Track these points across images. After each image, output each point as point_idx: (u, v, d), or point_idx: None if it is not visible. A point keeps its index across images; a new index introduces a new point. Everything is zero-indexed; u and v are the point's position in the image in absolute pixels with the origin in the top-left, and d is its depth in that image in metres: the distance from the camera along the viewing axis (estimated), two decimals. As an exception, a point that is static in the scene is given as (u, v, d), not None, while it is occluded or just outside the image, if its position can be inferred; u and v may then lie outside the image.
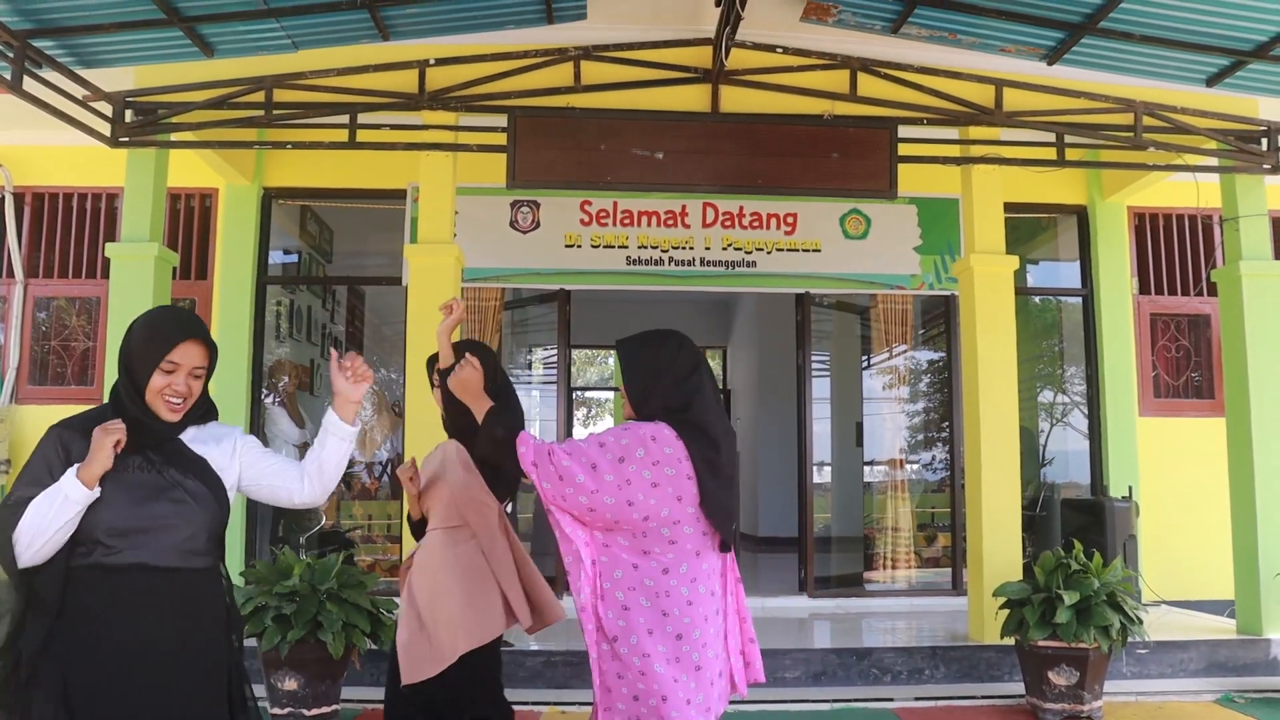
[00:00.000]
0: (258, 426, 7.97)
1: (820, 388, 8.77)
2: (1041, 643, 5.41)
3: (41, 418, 7.88)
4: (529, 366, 12.52)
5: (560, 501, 2.65)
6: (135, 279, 6.31)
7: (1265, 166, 6.82)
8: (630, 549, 2.67)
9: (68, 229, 8.16)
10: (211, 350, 2.62)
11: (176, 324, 2.59)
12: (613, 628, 2.65)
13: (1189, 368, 8.72)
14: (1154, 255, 8.77)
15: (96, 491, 2.36)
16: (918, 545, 8.59)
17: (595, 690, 2.71)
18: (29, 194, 8.17)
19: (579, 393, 22.91)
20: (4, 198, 8.06)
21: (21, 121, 7.00)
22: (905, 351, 8.75)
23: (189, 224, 8.13)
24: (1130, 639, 5.49)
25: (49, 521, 2.32)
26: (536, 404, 13.76)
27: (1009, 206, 7.38)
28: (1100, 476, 8.44)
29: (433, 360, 3.71)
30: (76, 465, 2.38)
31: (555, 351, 9.15)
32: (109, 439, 2.37)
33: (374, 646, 5.30)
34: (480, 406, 2.86)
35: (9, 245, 8.04)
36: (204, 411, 2.64)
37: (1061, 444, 9.28)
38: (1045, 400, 9.62)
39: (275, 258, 8.56)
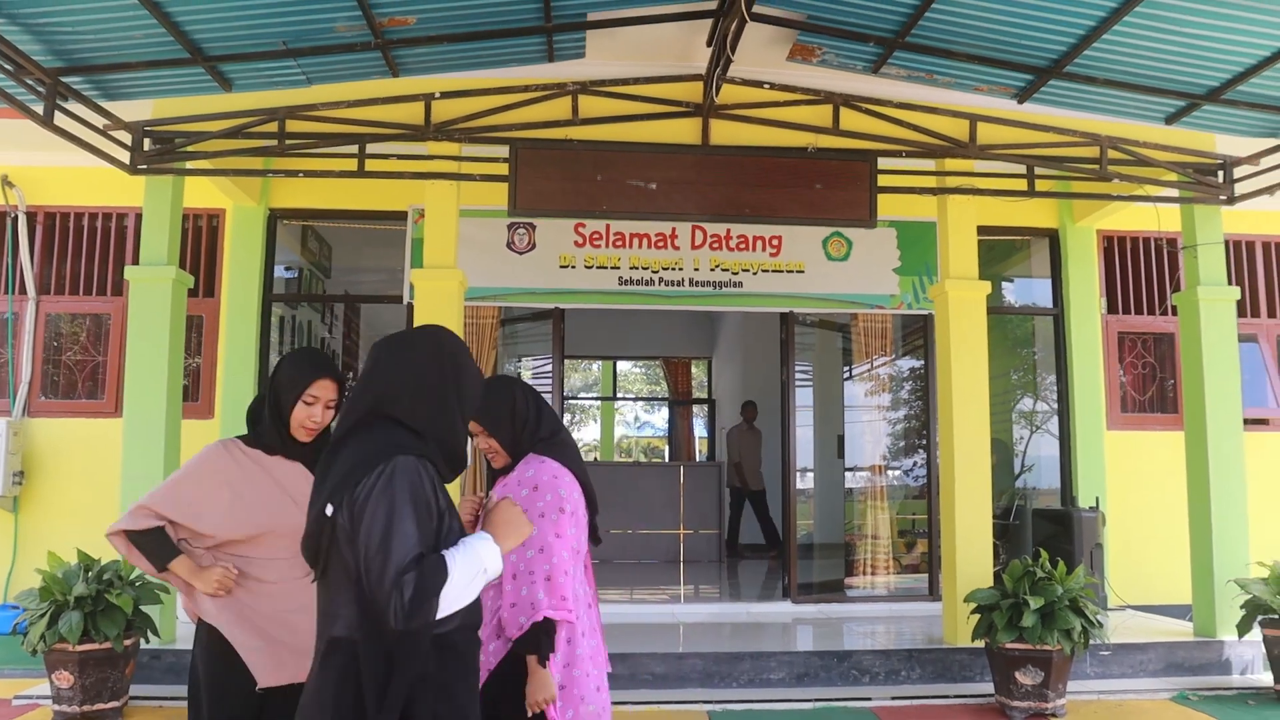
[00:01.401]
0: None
1: (803, 397, 9.15)
2: (1009, 645, 5.80)
3: (53, 431, 8.19)
4: (518, 376, 12.88)
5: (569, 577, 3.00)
6: (153, 300, 6.61)
7: (1221, 198, 7.24)
8: (572, 563, 3.08)
9: (79, 248, 8.47)
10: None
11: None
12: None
13: (1154, 384, 9.15)
14: (1122, 276, 9.20)
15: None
16: (897, 552, 8.98)
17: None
18: (41, 213, 8.46)
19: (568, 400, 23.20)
20: (18, 217, 8.35)
21: (35, 143, 7.27)
22: (884, 367, 9.13)
23: (196, 244, 8.42)
24: (1092, 641, 5.89)
25: (466, 595, 2.08)
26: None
27: (985, 229, 7.80)
28: (1069, 487, 8.85)
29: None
30: (488, 536, 2.19)
31: (547, 362, 9.51)
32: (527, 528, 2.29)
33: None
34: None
35: (22, 263, 8.33)
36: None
37: (1035, 455, 9.68)
38: (1021, 412, 10.02)
39: (276, 273, 8.86)
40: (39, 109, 5.69)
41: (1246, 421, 8.22)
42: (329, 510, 2.07)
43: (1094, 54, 5.79)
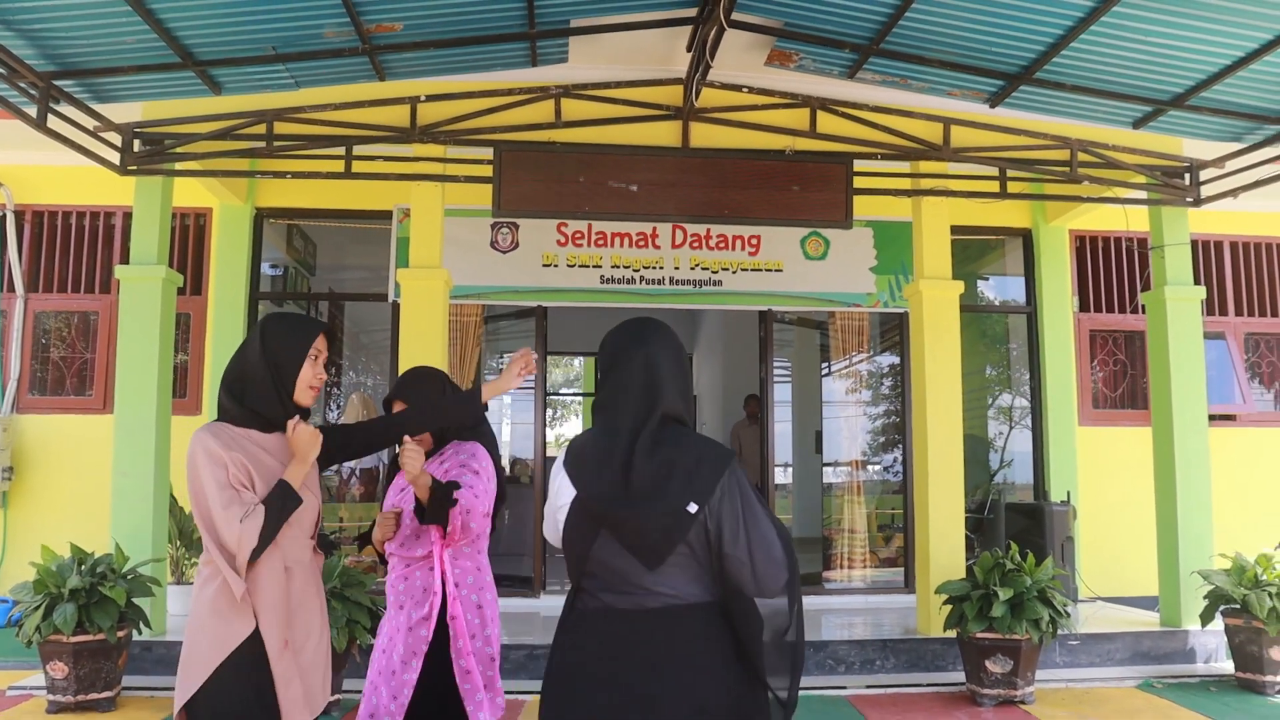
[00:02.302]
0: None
1: (782, 393, 9.31)
2: (979, 634, 5.99)
3: (41, 427, 8.28)
4: (499, 372, 13.00)
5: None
6: (144, 299, 6.71)
7: (1188, 200, 7.44)
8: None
9: (66, 246, 8.56)
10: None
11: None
12: None
13: (1125, 381, 9.37)
14: (1094, 275, 9.41)
15: None
16: (874, 546, 9.16)
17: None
18: (29, 212, 8.55)
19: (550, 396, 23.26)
20: (6, 215, 8.44)
21: (22, 143, 7.44)
22: (861, 363, 9.32)
23: (184, 242, 8.52)
24: (1060, 631, 6.08)
25: None
26: (508, 407, 14.33)
27: (961, 228, 8.00)
28: (1042, 482, 9.07)
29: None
30: None
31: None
32: None
33: (374, 640, 5.76)
34: None
35: (10, 261, 8.42)
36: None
37: (1011, 451, 9.89)
38: (1000, 408, 10.22)
39: (262, 270, 8.96)
40: (32, 111, 5.80)
41: (1215, 418, 8.47)
42: (692, 509, 2.26)
43: (1062, 61, 5.97)
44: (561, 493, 2.40)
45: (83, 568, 5.70)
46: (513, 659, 6.44)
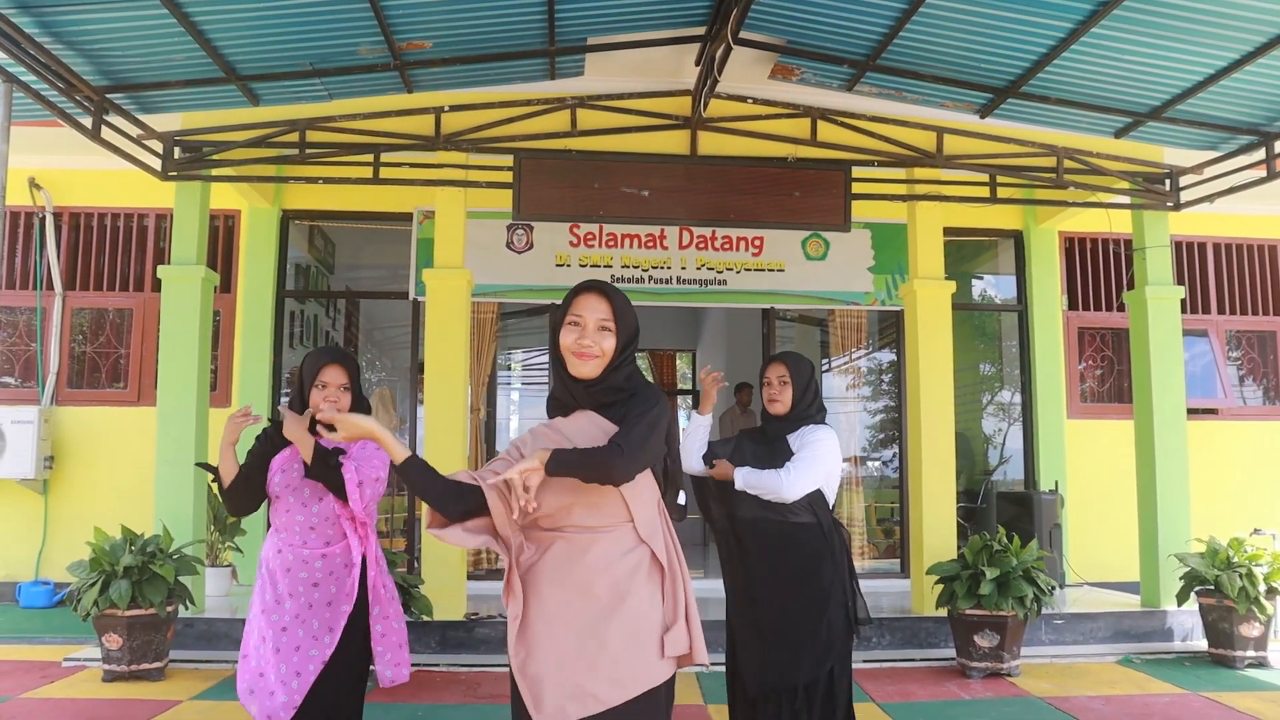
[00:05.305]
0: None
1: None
2: (968, 611, 6.42)
3: (79, 418, 8.71)
4: (509, 368, 13.46)
5: None
6: (184, 297, 7.13)
7: (1168, 204, 7.86)
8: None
9: (102, 246, 8.99)
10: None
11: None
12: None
13: (1111, 376, 9.80)
14: (1082, 275, 9.84)
15: None
16: (873, 537, 9.59)
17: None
18: (66, 213, 8.98)
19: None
20: (45, 217, 8.86)
21: (59, 148, 7.87)
22: (860, 360, 9.74)
23: (213, 242, 8.91)
24: (1045, 610, 6.50)
25: None
26: (514, 404, 14.71)
27: (955, 230, 8.40)
28: (1032, 472, 9.49)
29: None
30: None
31: (542, 354, 10.08)
32: None
33: (407, 618, 6.19)
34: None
35: (49, 260, 8.84)
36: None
37: (1007, 443, 10.29)
38: (1000, 403, 10.62)
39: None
40: (86, 122, 6.21)
41: (1198, 411, 8.89)
42: None
43: (1046, 76, 6.39)
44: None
45: (134, 547, 6.13)
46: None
